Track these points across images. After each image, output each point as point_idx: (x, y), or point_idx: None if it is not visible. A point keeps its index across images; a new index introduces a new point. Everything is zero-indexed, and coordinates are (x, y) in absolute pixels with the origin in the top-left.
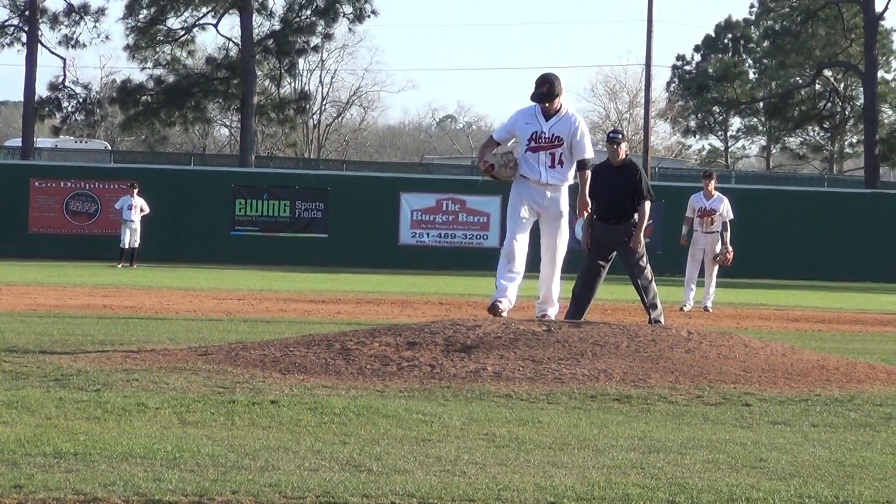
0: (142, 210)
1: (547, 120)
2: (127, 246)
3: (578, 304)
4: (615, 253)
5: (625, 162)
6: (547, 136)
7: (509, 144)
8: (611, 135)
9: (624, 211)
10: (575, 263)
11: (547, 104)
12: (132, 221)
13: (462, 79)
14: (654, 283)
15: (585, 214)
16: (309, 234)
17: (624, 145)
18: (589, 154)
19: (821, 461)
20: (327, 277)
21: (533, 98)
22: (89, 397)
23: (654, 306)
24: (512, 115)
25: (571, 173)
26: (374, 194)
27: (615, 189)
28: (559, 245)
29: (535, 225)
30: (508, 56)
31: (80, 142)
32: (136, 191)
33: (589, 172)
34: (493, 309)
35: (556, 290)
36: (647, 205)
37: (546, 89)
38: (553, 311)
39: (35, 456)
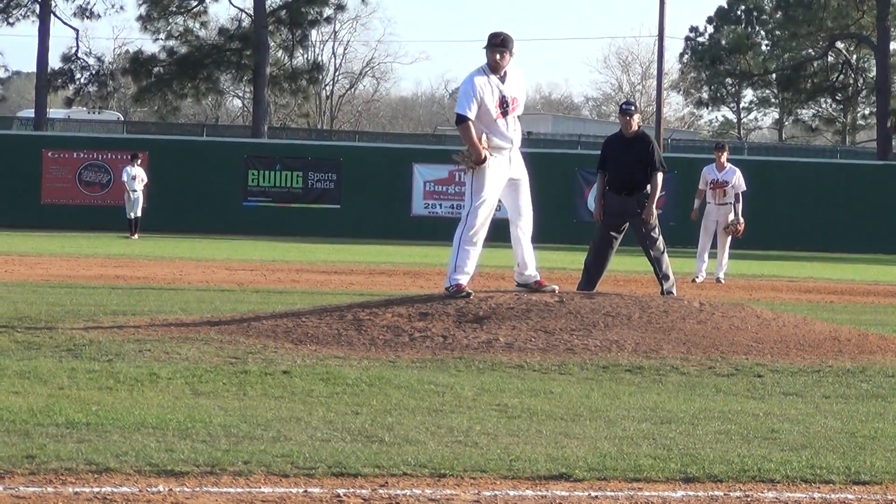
0: (142, 180)
1: (503, 82)
2: (130, 216)
3: (590, 275)
4: (627, 224)
5: (637, 133)
6: (509, 98)
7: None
8: (623, 106)
9: (636, 182)
10: (587, 235)
11: (499, 56)
12: (135, 191)
13: (475, 50)
14: (666, 255)
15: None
16: (321, 204)
17: (636, 117)
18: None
19: (833, 432)
20: (340, 248)
21: (492, 46)
22: (101, 367)
23: (667, 277)
24: (467, 84)
25: None
26: (387, 165)
27: (627, 160)
28: (529, 202)
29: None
30: (521, 27)
31: (93, 112)
32: (138, 162)
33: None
34: (460, 290)
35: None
36: (660, 176)
37: (501, 40)
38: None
39: (47, 426)
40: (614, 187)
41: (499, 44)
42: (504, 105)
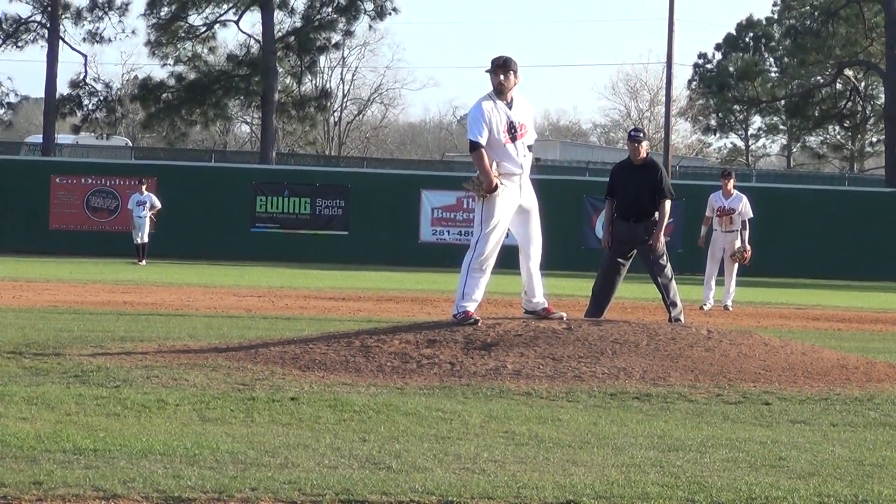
0: (152, 207)
1: (510, 108)
2: (138, 241)
3: (598, 302)
4: (635, 251)
5: (646, 160)
6: (517, 124)
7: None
8: (632, 133)
9: (644, 209)
10: (595, 262)
11: (502, 77)
12: (140, 217)
13: (483, 76)
14: (674, 282)
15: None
16: (329, 231)
17: (645, 144)
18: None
19: (840, 460)
20: (347, 275)
21: (494, 67)
22: (109, 394)
23: (674, 305)
24: (476, 110)
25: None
26: (395, 192)
27: (636, 187)
28: (539, 230)
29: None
30: (530, 54)
31: (102, 138)
32: (144, 187)
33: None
34: (468, 317)
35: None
36: (668, 203)
37: (503, 61)
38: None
39: (54, 452)
40: (622, 214)
41: (500, 65)
42: (512, 130)
